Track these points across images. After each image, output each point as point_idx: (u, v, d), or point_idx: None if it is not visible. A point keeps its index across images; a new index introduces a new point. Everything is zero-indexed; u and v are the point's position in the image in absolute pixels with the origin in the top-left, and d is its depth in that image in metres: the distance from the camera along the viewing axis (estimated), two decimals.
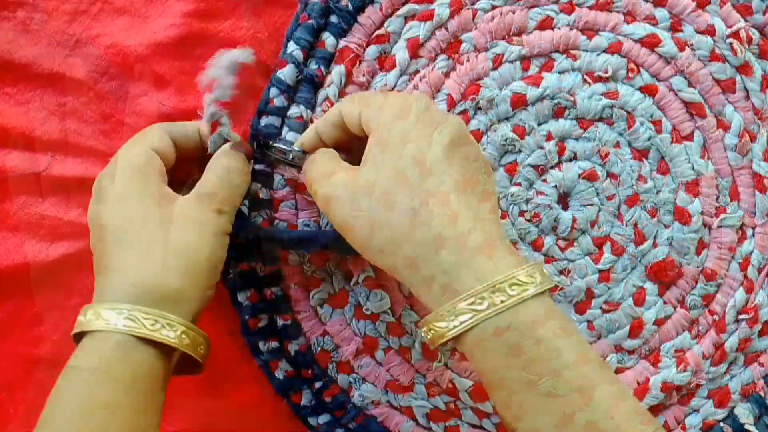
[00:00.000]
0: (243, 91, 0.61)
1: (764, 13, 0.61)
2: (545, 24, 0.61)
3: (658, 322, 0.62)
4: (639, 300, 0.62)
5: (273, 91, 0.60)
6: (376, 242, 0.49)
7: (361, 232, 0.49)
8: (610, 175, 0.61)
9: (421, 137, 0.49)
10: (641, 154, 0.61)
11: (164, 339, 0.49)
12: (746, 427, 0.62)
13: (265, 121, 0.60)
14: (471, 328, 0.46)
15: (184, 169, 0.58)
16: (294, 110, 0.60)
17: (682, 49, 0.61)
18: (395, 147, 0.49)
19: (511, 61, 0.61)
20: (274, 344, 0.62)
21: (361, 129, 0.53)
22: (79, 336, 0.50)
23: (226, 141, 0.57)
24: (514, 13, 0.61)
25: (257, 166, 0.60)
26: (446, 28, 0.61)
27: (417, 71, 0.61)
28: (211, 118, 0.57)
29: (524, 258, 0.48)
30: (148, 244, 0.51)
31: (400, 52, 0.60)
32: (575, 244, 0.62)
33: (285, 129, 0.60)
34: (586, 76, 0.61)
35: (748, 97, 0.61)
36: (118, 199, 0.52)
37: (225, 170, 0.55)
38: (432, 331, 0.48)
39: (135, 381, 0.48)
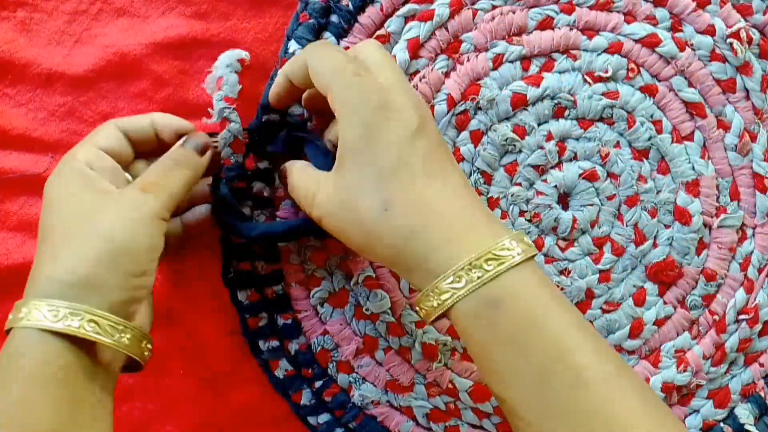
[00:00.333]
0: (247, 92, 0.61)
1: (764, 13, 0.61)
2: (545, 24, 0.61)
3: (659, 323, 0.62)
4: (639, 300, 0.62)
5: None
6: (375, 250, 0.50)
7: (359, 241, 0.50)
8: (611, 175, 0.61)
9: (399, 140, 0.49)
10: (641, 154, 0.61)
11: (67, 330, 0.46)
12: (746, 427, 0.62)
13: (264, 118, 0.60)
14: (453, 306, 0.47)
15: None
16: (294, 109, 0.60)
17: (682, 49, 0.61)
18: (375, 150, 0.49)
19: (511, 61, 0.61)
20: (274, 343, 0.62)
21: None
22: None
23: (236, 138, 0.58)
24: (514, 13, 0.61)
25: (260, 165, 0.60)
26: (446, 28, 0.61)
27: (417, 71, 0.61)
28: (221, 114, 0.58)
29: (507, 230, 0.49)
30: (69, 235, 0.49)
31: (400, 53, 0.60)
32: (575, 244, 0.62)
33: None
34: (586, 76, 0.61)
35: (748, 97, 0.61)
36: (54, 202, 0.51)
37: (164, 161, 0.54)
38: (423, 310, 0.49)
39: (43, 375, 0.46)
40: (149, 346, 0.51)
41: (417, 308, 0.50)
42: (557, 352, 0.45)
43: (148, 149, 0.57)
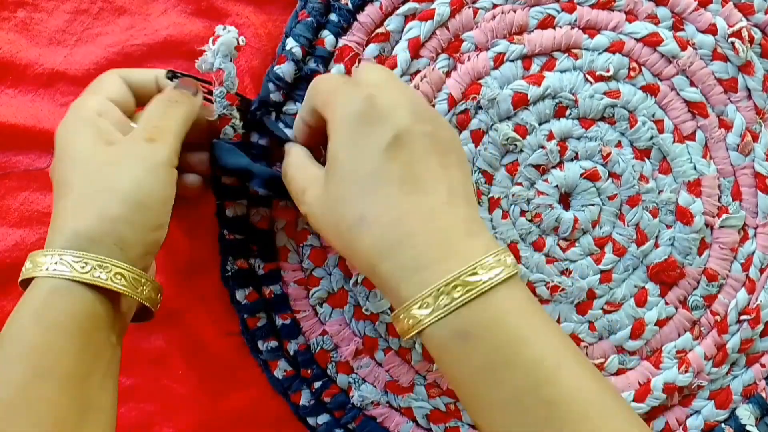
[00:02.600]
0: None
1: (766, 12, 0.61)
2: (546, 23, 0.61)
3: (660, 323, 0.62)
4: (640, 300, 0.62)
5: (270, 86, 0.59)
6: (353, 261, 0.50)
7: (339, 248, 0.51)
8: (612, 174, 0.61)
9: (376, 151, 0.48)
10: (643, 153, 0.61)
11: (96, 281, 0.48)
12: (747, 428, 0.61)
13: (260, 115, 0.60)
14: (423, 331, 0.45)
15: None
16: (290, 107, 0.60)
17: (683, 48, 0.60)
18: (354, 160, 0.48)
19: (512, 60, 0.61)
20: (273, 343, 0.61)
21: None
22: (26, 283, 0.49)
23: (235, 132, 0.58)
24: (515, 11, 0.60)
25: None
26: (447, 27, 0.60)
27: (418, 71, 0.61)
28: (222, 111, 0.57)
29: (491, 246, 0.46)
30: (86, 188, 0.50)
31: (401, 52, 0.60)
32: (577, 244, 0.62)
33: (281, 125, 0.60)
34: (587, 75, 0.60)
35: (750, 97, 0.61)
36: (69, 153, 0.52)
37: (161, 102, 0.55)
38: (397, 329, 0.47)
39: (71, 324, 0.47)
40: (160, 297, 0.53)
41: (394, 322, 0.48)
42: (530, 386, 0.43)
43: (145, 102, 0.56)
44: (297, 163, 0.55)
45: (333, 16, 0.60)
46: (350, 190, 0.47)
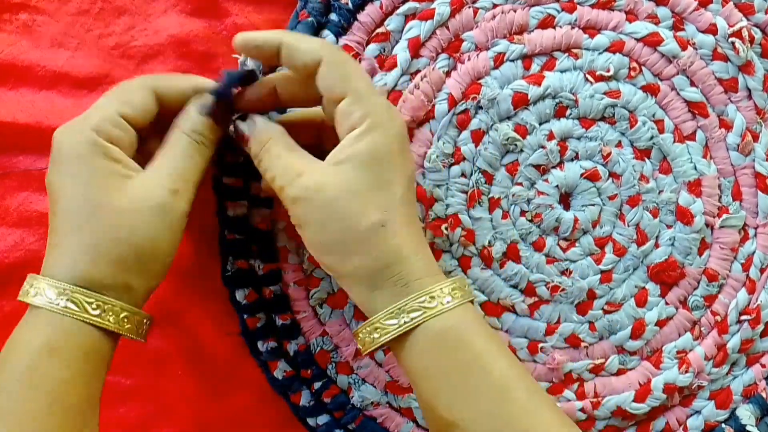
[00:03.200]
0: None
1: (766, 12, 0.61)
2: (547, 22, 0.60)
3: (660, 323, 0.62)
4: (641, 301, 0.62)
5: None
6: (350, 257, 0.50)
7: (332, 240, 0.50)
8: (612, 174, 0.61)
9: (404, 164, 0.51)
10: (643, 153, 0.61)
11: (106, 324, 0.49)
12: (748, 428, 0.61)
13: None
14: (420, 325, 0.49)
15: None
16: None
17: (684, 48, 0.60)
18: (388, 169, 0.50)
19: (512, 60, 0.61)
20: (273, 344, 0.61)
21: (332, 104, 0.51)
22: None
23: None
24: (515, 11, 0.60)
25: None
26: (447, 27, 0.60)
27: (418, 70, 0.61)
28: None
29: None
30: (99, 230, 0.48)
31: (401, 52, 0.60)
32: (577, 244, 0.62)
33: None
34: (587, 75, 0.60)
35: (750, 97, 0.61)
36: (76, 177, 0.49)
37: (188, 142, 0.52)
38: (377, 325, 0.50)
39: (78, 358, 0.48)
40: (148, 324, 0.53)
41: (371, 327, 0.50)
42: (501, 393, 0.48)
43: (173, 114, 0.53)
44: (288, 145, 0.52)
45: (333, 16, 0.60)
46: (373, 192, 0.49)
